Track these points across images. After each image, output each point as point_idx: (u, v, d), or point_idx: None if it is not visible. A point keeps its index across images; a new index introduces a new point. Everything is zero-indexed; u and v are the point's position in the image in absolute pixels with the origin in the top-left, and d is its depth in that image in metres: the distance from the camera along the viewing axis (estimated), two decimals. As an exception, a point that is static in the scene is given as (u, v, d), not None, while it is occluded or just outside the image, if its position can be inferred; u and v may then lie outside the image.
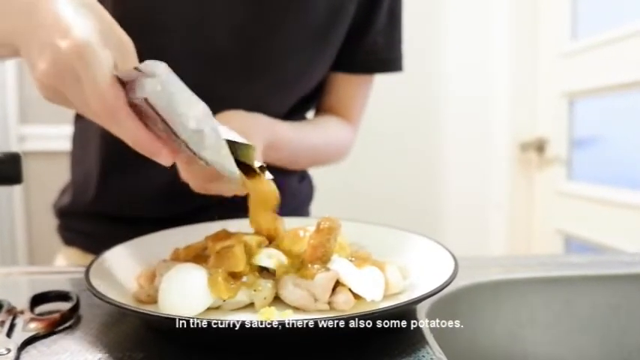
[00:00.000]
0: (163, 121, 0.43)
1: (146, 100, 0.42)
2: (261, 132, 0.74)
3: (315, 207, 1.08)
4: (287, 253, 0.55)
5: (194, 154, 0.46)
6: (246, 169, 0.53)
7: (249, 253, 0.54)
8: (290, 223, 0.66)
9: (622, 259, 0.81)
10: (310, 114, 1.01)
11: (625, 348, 0.72)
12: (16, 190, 2.60)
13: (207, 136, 0.45)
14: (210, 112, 0.44)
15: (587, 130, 2.29)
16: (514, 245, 2.51)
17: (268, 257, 0.54)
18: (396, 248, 0.65)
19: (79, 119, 0.92)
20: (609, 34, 1.98)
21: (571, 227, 2.27)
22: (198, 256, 0.59)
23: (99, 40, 0.45)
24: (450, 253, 0.58)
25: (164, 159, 0.46)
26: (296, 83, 0.86)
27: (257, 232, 0.62)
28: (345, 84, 0.96)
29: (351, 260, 0.56)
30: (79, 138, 0.93)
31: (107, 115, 0.44)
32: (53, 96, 0.50)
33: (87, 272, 0.51)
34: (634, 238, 1.88)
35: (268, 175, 0.55)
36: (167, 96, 0.42)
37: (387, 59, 0.95)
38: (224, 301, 0.51)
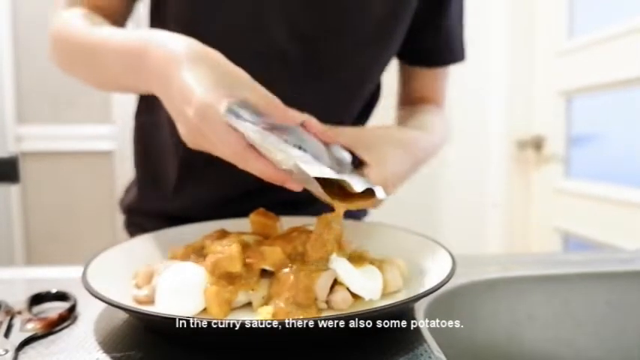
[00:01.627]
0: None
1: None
2: (412, 150, 0.74)
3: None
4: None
5: None
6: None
7: (247, 252, 0.54)
8: (292, 222, 0.66)
9: (620, 257, 0.81)
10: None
11: (623, 345, 0.72)
12: (13, 190, 2.59)
13: (295, 173, 0.52)
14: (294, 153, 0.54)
15: (585, 127, 2.29)
16: (512, 243, 2.51)
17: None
18: (393, 247, 0.65)
19: (140, 115, 0.94)
20: (606, 32, 1.98)
21: (569, 225, 2.27)
22: (196, 255, 0.59)
23: (216, 90, 0.53)
24: (448, 251, 0.58)
25: (290, 187, 0.54)
26: (360, 82, 0.86)
27: (254, 232, 0.62)
28: (427, 76, 0.97)
29: (349, 259, 0.56)
30: (142, 134, 0.93)
31: (238, 160, 0.54)
32: (198, 147, 0.57)
33: (85, 272, 0.51)
34: (632, 236, 1.89)
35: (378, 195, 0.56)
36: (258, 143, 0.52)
37: (458, 49, 0.96)
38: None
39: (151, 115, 0.88)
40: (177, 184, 0.86)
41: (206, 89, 0.53)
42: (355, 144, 0.66)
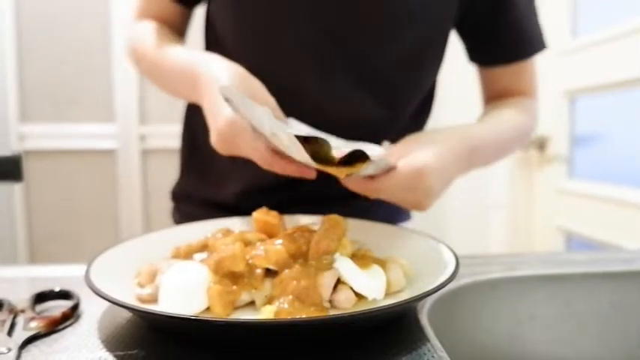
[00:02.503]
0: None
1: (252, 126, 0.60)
2: (455, 145, 0.72)
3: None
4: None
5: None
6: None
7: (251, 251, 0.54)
8: (295, 221, 0.66)
9: (622, 257, 0.81)
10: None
11: (625, 345, 0.72)
12: (16, 188, 2.60)
13: (282, 137, 0.55)
14: (271, 114, 0.55)
15: (588, 127, 2.28)
16: (515, 243, 2.51)
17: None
18: (397, 246, 0.65)
19: (190, 112, 0.99)
20: (609, 32, 1.98)
21: (572, 225, 2.26)
22: (199, 254, 0.59)
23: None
24: (452, 250, 0.58)
25: (309, 176, 0.63)
26: (404, 87, 0.86)
27: (257, 231, 0.62)
28: (509, 73, 0.95)
29: (352, 259, 0.56)
30: (192, 131, 0.98)
31: (263, 163, 0.63)
32: (227, 152, 0.67)
33: (88, 271, 0.51)
34: (635, 236, 1.88)
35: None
36: (245, 114, 0.58)
37: (533, 38, 0.92)
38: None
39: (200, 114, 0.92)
40: (224, 174, 0.91)
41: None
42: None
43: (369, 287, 0.52)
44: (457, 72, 1.16)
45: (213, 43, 0.90)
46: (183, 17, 0.94)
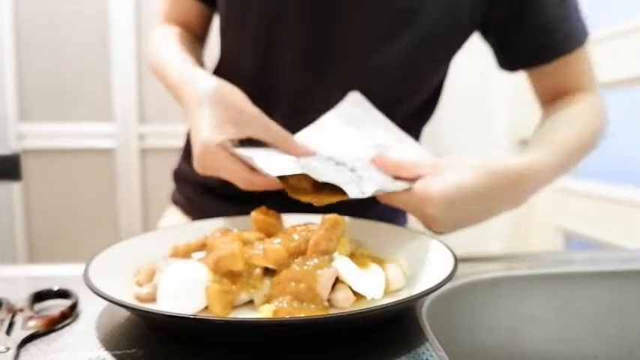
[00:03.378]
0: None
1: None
2: (485, 181, 0.67)
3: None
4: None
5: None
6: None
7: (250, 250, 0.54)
8: (294, 220, 0.66)
9: (622, 256, 0.81)
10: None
11: (625, 344, 0.72)
12: (15, 187, 2.60)
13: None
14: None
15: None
16: (514, 242, 2.51)
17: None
18: (396, 245, 0.65)
19: None
20: (611, 30, 1.98)
21: (571, 224, 2.27)
22: (197, 253, 0.59)
23: (221, 127, 0.66)
24: (450, 249, 0.58)
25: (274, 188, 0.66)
26: (398, 88, 0.86)
27: (257, 229, 0.62)
28: (558, 70, 0.89)
29: (351, 258, 0.56)
30: None
31: (243, 184, 0.67)
32: (207, 174, 0.69)
33: (86, 270, 0.51)
34: (634, 235, 1.88)
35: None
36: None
37: (575, 30, 0.88)
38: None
39: None
40: None
41: (212, 127, 0.66)
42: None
43: (367, 286, 0.52)
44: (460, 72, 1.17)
45: (224, 47, 0.93)
46: (205, 18, 0.96)
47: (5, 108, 2.59)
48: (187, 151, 1.02)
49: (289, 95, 0.84)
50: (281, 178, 0.63)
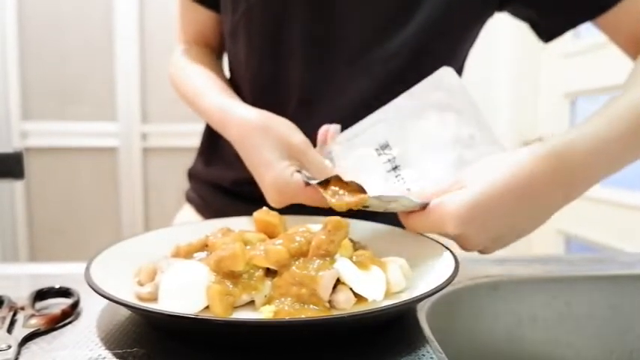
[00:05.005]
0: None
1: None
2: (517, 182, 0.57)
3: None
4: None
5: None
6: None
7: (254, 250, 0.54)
8: (296, 221, 0.66)
9: (622, 260, 0.81)
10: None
11: (625, 348, 0.72)
12: (18, 186, 2.60)
13: None
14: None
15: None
16: (515, 245, 2.50)
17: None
18: (397, 247, 0.65)
19: None
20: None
21: (572, 227, 2.26)
22: (199, 253, 0.59)
23: (281, 162, 0.68)
24: (451, 252, 0.58)
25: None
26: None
27: (258, 230, 0.62)
28: (621, 13, 0.80)
29: (353, 259, 0.56)
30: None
31: (317, 204, 0.65)
32: (282, 205, 0.70)
33: (88, 268, 0.52)
34: (634, 239, 1.88)
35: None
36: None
37: None
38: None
39: None
40: (227, 162, 0.96)
41: (277, 162, 0.68)
42: None
43: (368, 288, 0.52)
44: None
45: (232, 50, 0.94)
46: (220, 25, 0.98)
47: (9, 106, 2.60)
48: (202, 151, 1.04)
49: (299, 91, 0.84)
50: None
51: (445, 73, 0.73)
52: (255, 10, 0.83)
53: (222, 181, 0.97)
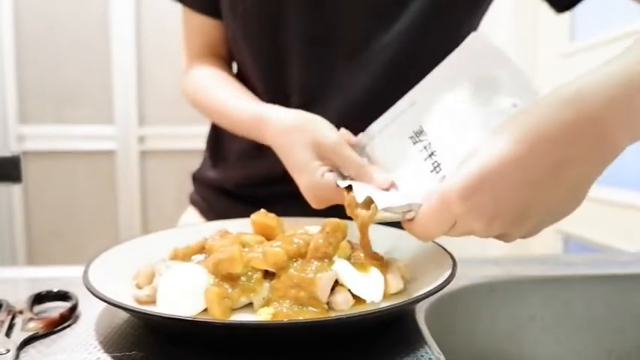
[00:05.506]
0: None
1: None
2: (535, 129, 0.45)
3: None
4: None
5: None
6: None
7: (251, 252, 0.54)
8: (294, 223, 0.66)
9: (620, 259, 0.81)
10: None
11: (623, 347, 0.72)
12: (15, 190, 2.60)
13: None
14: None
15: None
16: (513, 245, 2.50)
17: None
18: (395, 248, 0.65)
19: None
20: (607, 35, 1.98)
21: (570, 227, 2.27)
22: (197, 256, 0.59)
23: (313, 162, 0.67)
24: (449, 253, 0.58)
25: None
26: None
27: (256, 232, 0.62)
28: None
29: (351, 261, 0.56)
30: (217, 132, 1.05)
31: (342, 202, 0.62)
32: (321, 206, 0.68)
33: (86, 272, 0.51)
34: (633, 238, 1.88)
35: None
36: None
37: None
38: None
39: None
40: (230, 164, 0.97)
41: (309, 162, 0.67)
42: None
43: (367, 290, 0.52)
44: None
45: (237, 54, 0.94)
46: (227, 35, 0.98)
47: (6, 110, 2.59)
48: (207, 154, 1.05)
49: (299, 91, 0.84)
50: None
51: (476, 39, 0.63)
52: (251, 13, 0.84)
53: (225, 184, 0.97)
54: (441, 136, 0.60)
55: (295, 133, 0.69)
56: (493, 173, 0.45)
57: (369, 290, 0.52)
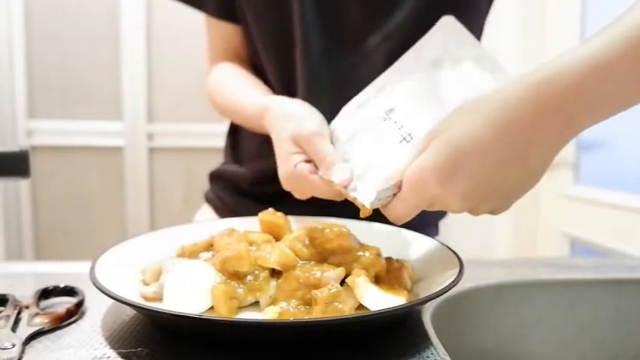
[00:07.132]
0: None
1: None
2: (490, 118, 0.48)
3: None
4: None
5: None
6: None
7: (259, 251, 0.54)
8: (301, 222, 0.66)
9: (627, 263, 0.80)
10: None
11: (629, 351, 0.71)
12: (23, 184, 2.61)
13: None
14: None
15: (594, 133, 2.28)
16: (520, 248, 2.50)
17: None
18: (402, 249, 0.65)
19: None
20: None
21: (577, 230, 2.26)
22: (204, 253, 0.59)
23: (289, 149, 0.66)
24: (456, 255, 0.58)
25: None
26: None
27: (263, 231, 0.62)
28: None
29: (379, 283, 0.55)
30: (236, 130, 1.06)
31: (331, 197, 0.63)
32: (294, 192, 0.68)
33: (92, 268, 0.52)
34: (639, 242, 1.88)
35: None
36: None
37: None
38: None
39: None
40: (250, 159, 0.97)
41: (286, 151, 0.67)
42: None
43: (375, 303, 0.51)
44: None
45: (252, 53, 0.95)
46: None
47: (15, 105, 2.60)
48: (225, 152, 1.06)
49: (304, 85, 0.84)
50: None
51: (446, 22, 0.67)
52: (262, 11, 0.85)
53: (240, 181, 0.98)
54: (411, 112, 0.63)
55: (281, 123, 0.70)
56: (469, 156, 0.48)
57: (377, 302, 0.51)
